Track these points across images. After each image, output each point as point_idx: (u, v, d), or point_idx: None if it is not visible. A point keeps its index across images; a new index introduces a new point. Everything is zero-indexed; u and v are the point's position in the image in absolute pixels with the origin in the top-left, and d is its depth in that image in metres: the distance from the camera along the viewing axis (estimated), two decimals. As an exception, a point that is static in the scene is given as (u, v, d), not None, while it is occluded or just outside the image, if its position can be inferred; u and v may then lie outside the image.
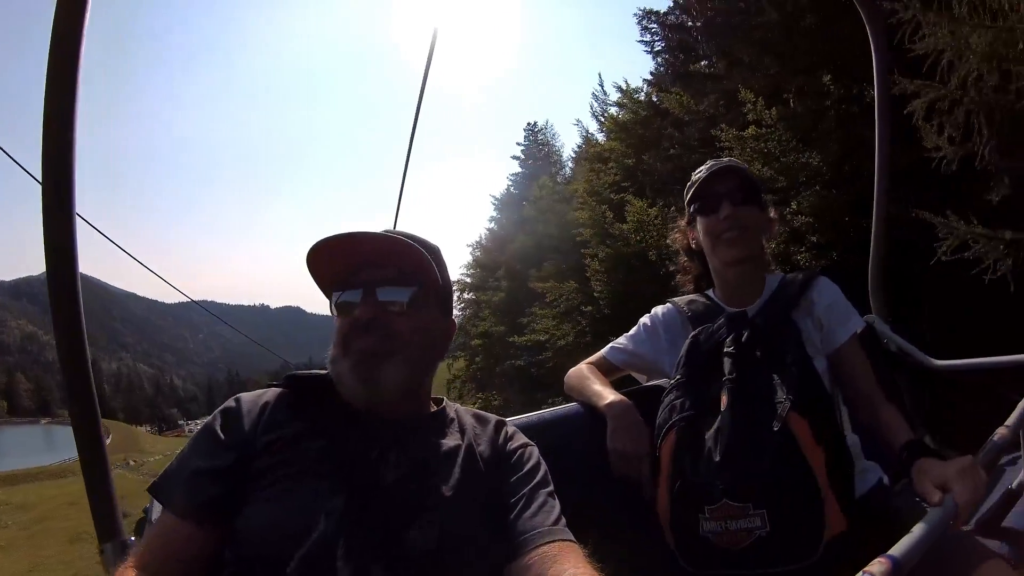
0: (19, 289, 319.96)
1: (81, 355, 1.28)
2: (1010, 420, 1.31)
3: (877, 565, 0.80)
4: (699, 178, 1.73)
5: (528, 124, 36.53)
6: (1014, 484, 1.57)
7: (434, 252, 1.25)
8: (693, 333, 1.62)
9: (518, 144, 35.94)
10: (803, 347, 1.51)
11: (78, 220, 1.27)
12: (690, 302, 1.77)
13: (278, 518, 1.00)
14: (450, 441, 1.19)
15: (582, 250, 17.07)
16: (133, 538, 1.29)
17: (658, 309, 1.85)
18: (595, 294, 16.07)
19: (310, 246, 1.17)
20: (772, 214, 1.78)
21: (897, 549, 0.86)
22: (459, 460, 1.15)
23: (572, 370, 1.87)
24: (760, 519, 1.30)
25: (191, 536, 1.03)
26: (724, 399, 1.43)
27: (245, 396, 1.19)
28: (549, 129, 32.77)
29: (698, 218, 1.73)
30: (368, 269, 1.19)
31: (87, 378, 1.29)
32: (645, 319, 1.85)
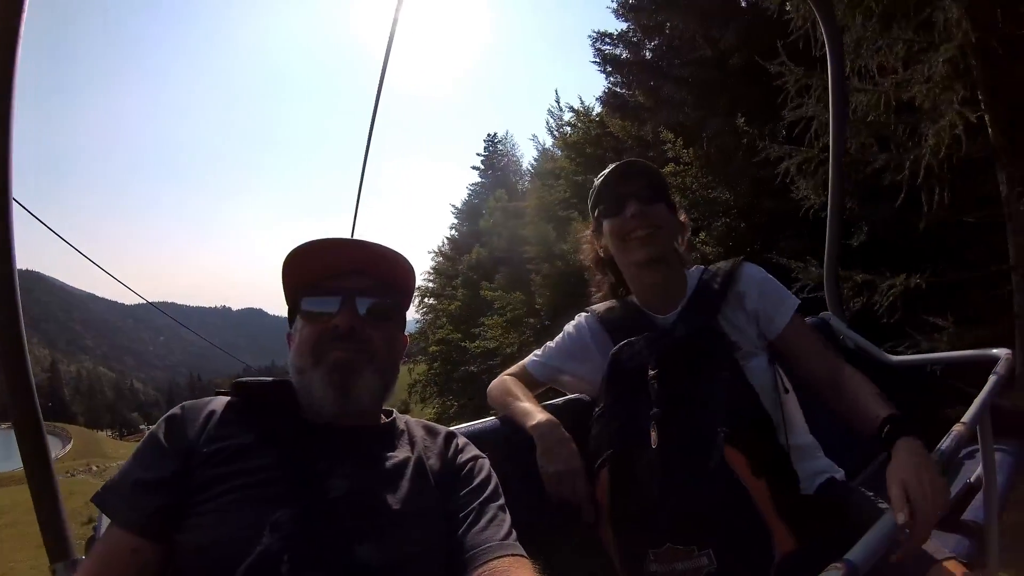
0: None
1: (23, 373, 1.21)
2: (966, 416, 1.30)
3: (833, 571, 0.79)
4: (602, 179, 1.64)
5: (488, 135, 36.20)
6: (972, 478, 1.58)
7: (412, 268, 1.26)
8: (614, 351, 1.52)
9: (478, 155, 35.87)
10: (733, 359, 1.43)
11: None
12: (608, 309, 1.69)
13: (221, 532, 0.96)
14: (400, 453, 1.17)
15: (527, 265, 17.35)
16: (84, 556, 1.21)
17: (575, 320, 1.75)
18: (536, 306, 16.63)
19: (294, 247, 1.16)
20: (683, 218, 1.70)
21: (853, 554, 0.84)
22: (409, 473, 1.13)
23: (495, 382, 1.75)
24: (707, 558, 1.25)
25: (136, 549, 0.98)
26: (654, 435, 1.35)
27: (190, 404, 1.14)
28: (509, 140, 32.92)
29: (604, 221, 1.64)
30: (348, 277, 1.19)
31: (31, 400, 1.22)
32: (566, 330, 1.75)
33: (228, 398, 1.16)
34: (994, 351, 1.78)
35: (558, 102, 26.93)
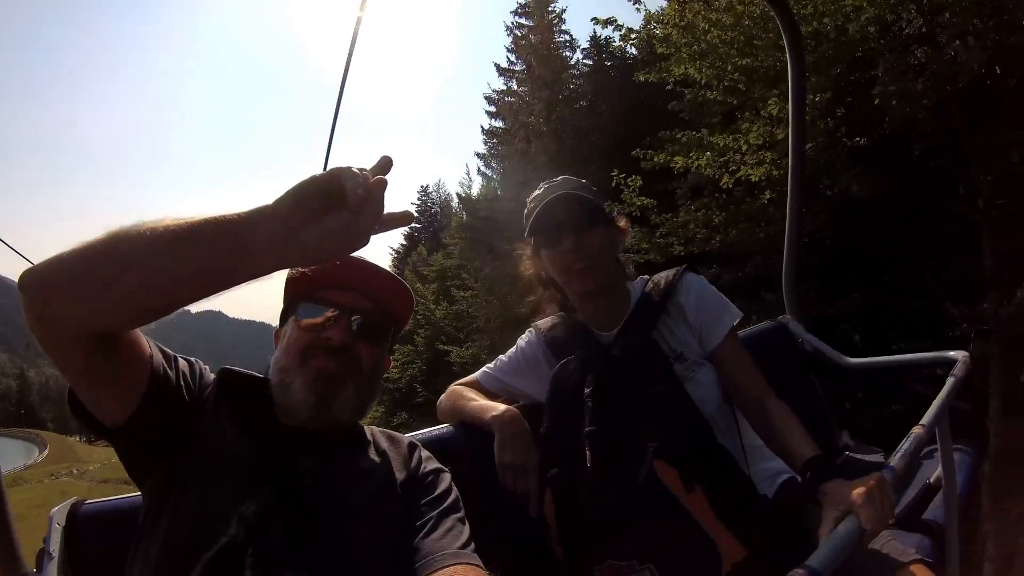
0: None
1: None
2: (925, 418, 1.31)
3: None
4: (534, 208, 1.60)
5: (421, 186, 37.18)
6: (932, 478, 1.59)
7: (413, 299, 1.30)
8: (555, 371, 1.52)
9: (412, 203, 36.18)
10: (670, 372, 1.45)
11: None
12: (552, 327, 1.68)
13: (192, 519, 0.98)
14: (366, 460, 1.19)
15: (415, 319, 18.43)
16: (35, 570, 1.17)
17: (523, 338, 1.74)
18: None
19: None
20: (622, 223, 1.69)
21: (815, 559, 0.83)
22: (375, 477, 1.16)
23: (446, 393, 1.75)
24: (649, 571, 1.26)
25: (145, 358, 1.02)
26: (588, 454, 1.36)
27: (208, 369, 1.20)
28: (442, 188, 33.69)
29: (541, 251, 1.62)
30: (351, 294, 1.21)
31: None
32: (518, 344, 1.74)
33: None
34: (951, 353, 1.80)
35: (468, 174, 28.34)
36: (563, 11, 18.97)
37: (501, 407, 1.56)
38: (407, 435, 1.39)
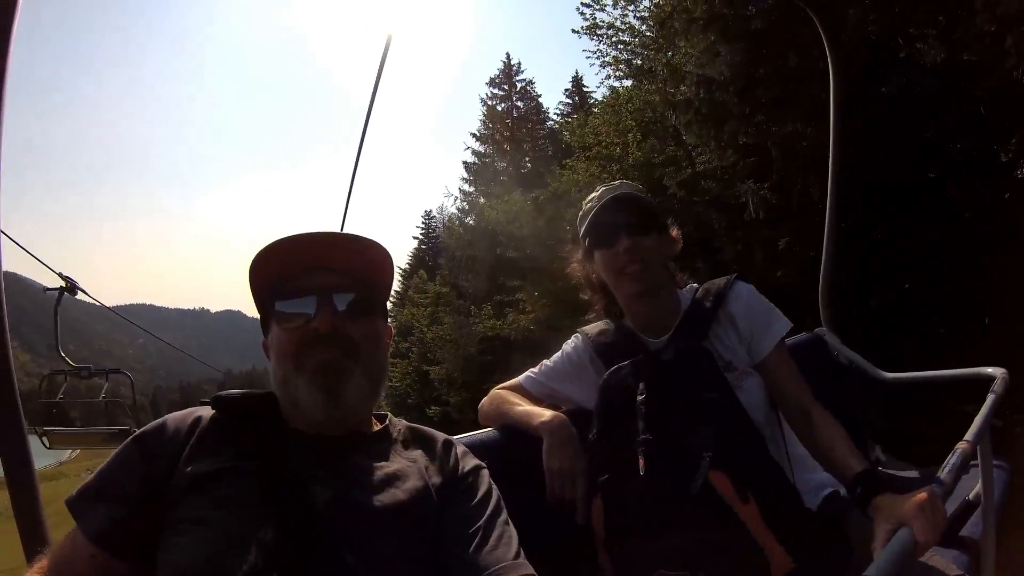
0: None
1: (7, 381, 1.17)
2: (969, 434, 1.32)
3: None
4: (592, 208, 1.62)
5: (425, 211, 36.71)
6: (971, 495, 1.59)
7: (387, 253, 1.17)
8: (604, 377, 1.52)
9: (417, 227, 35.89)
10: (722, 379, 1.44)
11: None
12: (600, 332, 1.67)
13: (204, 551, 0.91)
14: (394, 463, 1.10)
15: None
16: None
17: (569, 343, 1.74)
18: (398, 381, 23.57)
19: (256, 254, 1.09)
20: (674, 232, 1.67)
21: (872, 571, 0.84)
22: (405, 484, 1.06)
23: (489, 395, 1.75)
24: None
25: (94, 555, 0.96)
26: (641, 461, 1.35)
27: (172, 416, 1.09)
28: (444, 212, 32.69)
29: (595, 252, 1.62)
30: (321, 274, 1.11)
31: (15, 408, 1.19)
32: (564, 349, 1.74)
33: (211, 410, 1.10)
34: (989, 370, 1.79)
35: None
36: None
37: (548, 412, 1.55)
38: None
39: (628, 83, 11.00)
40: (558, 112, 24.99)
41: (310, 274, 1.10)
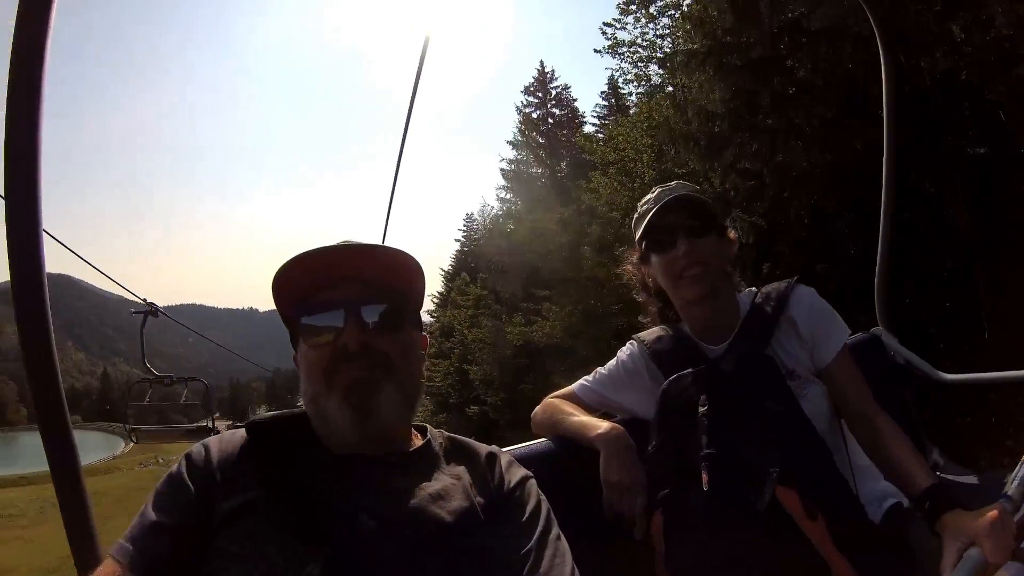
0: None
1: (56, 396, 1.14)
2: None
3: None
4: (648, 209, 1.57)
5: (467, 214, 36.67)
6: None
7: (415, 262, 1.12)
8: (663, 387, 1.47)
9: (459, 229, 36.19)
10: (786, 389, 1.39)
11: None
12: (657, 339, 1.62)
13: None
14: (439, 482, 1.06)
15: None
16: None
17: (624, 351, 1.69)
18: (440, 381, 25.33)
19: (277, 269, 1.06)
20: (731, 235, 1.63)
21: None
22: (450, 504, 1.02)
23: (542, 404, 1.71)
24: None
25: None
26: (705, 476, 1.30)
27: (213, 441, 1.07)
28: (486, 214, 33.10)
29: (652, 256, 1.57)
30: (347, 286, 1.07)
31: (61, 408, 1.15)
32: (618, 357, 1.69)
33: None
34: None
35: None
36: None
37: (605, 424, 1.51)
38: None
39: (648, 97, 12.01)
40: (595, 114, 25.95)
41: (336, 287, 1.07)
